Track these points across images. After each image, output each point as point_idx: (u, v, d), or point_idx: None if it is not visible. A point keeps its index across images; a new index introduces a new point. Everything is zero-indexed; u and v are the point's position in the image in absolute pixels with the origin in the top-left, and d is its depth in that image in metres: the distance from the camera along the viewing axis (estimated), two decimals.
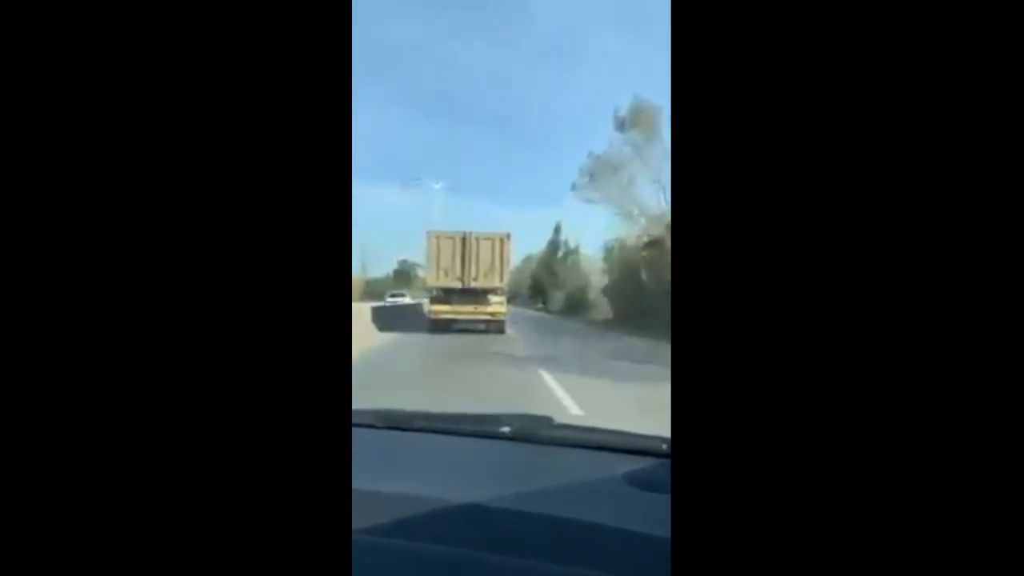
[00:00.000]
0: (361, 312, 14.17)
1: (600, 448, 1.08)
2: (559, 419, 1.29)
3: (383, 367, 8.10)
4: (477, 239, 14.50)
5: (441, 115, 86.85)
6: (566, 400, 5.71)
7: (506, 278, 14.63)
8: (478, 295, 14.62)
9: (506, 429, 1.15)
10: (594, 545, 0.70)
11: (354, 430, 0.73)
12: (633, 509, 0.80)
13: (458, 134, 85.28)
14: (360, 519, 0.57)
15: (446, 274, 14.45)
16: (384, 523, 0.71)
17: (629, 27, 61.74)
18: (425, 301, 16.75)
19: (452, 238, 14.56)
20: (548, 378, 7.14)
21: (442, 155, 77.79)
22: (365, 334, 12.26)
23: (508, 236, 14.58)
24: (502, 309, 14.65)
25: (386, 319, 15.43)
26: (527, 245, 52.54)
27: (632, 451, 1.04)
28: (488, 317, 14.72)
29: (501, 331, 14.70)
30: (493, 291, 14.74)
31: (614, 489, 0.87)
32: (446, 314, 14.53)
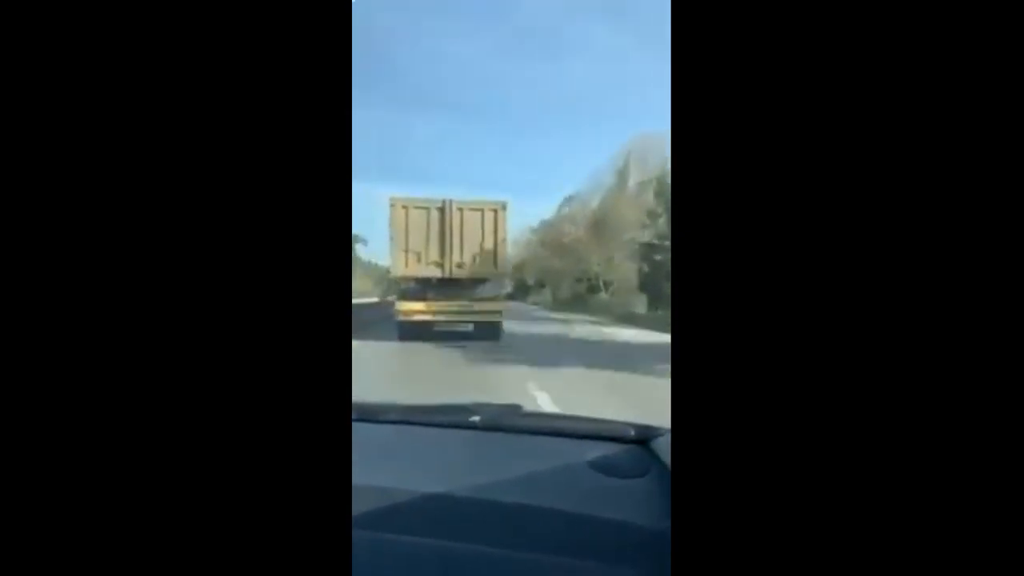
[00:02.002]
0: None
1: (568, 435, 1.09)
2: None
3: None
4: (461, 210, 10.33)
5: (425, 108, 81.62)
6: None
7: (503, 263, 10.54)
8: (464, 287, 10.50)
9: (476, 419, 1.15)
10: (562, 532, 0.71)
11: None
12: (599, 496, 0.81)
13: (443, 126, 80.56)
14: None
15: (419, 259, 10.27)
16: (366, 515, 0.70)
17: (620, 18, 58.21)
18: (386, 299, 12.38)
19: (426, 208, 10.34)
20: None
21: (428, 148, 72.71)
22: None
23: (504, 206, 10.46)
24: (497, 306, 10.57)
25: None
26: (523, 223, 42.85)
27: (599, 437, 1.06)
28: (478, 317, 10.64)
29: (496, 336, 10.65)
30: (484, 281, 10.66)
31: (581, 476, 0.88)
32: (420, 314, 10.39)
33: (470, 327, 10.98)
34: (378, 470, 0.86)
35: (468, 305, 10.39)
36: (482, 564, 0.64)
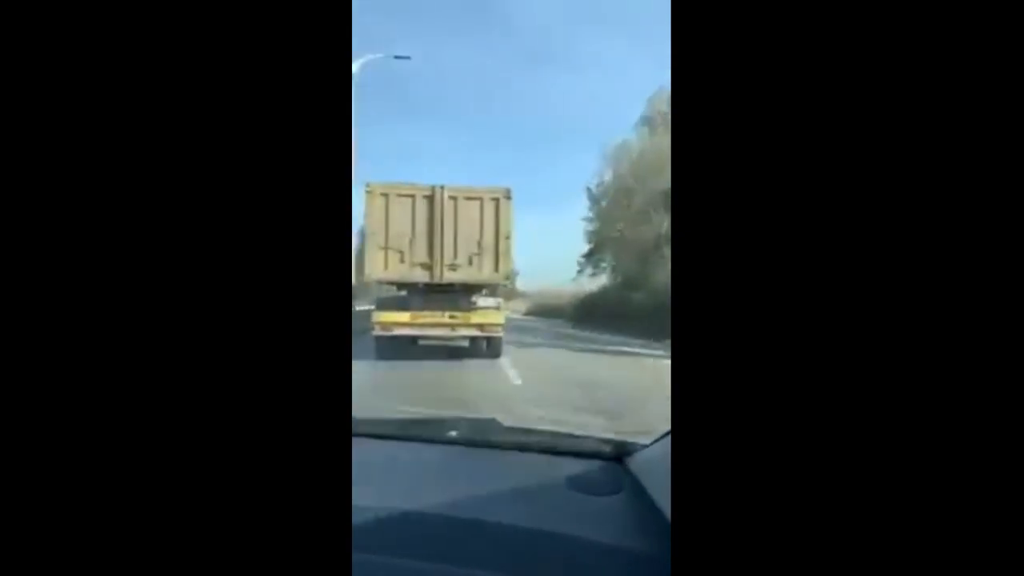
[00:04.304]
0: None
1: (546, 451, 1.08)
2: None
3: None
4: (454, 199, 8.32)
5: (431, 119, 79.61)
6: None
7: (507, 265, 8.53)
8: (457, 295, 8.50)
9: (453, 433, 1.14)
10: (536, 552, 0.69)
11: None
12: (575, 513, 0.79)
13: (447, 138, 78.62)
14: None
15: (401, 259, 8.24)
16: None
17: (623, 28, 57.10)
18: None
19: (411, 196, 8.29)
20: None
21: (431, 157, 70.48)
22: None
23: (507, 195, 8.45)
24: (497, 319, 8.58)
25: None
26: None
27: (577, 454, 1.05)
28: (475, 332, 8.63)
29: (496, 353, 8.66)
30: (479, 288, 8.67)
31: (558, 494, 0.87)
32: (403, 327, 8.37)
33: (464, 341, 9.00)
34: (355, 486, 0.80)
35: (463, 317, 8.39)
36: None
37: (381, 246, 8.15)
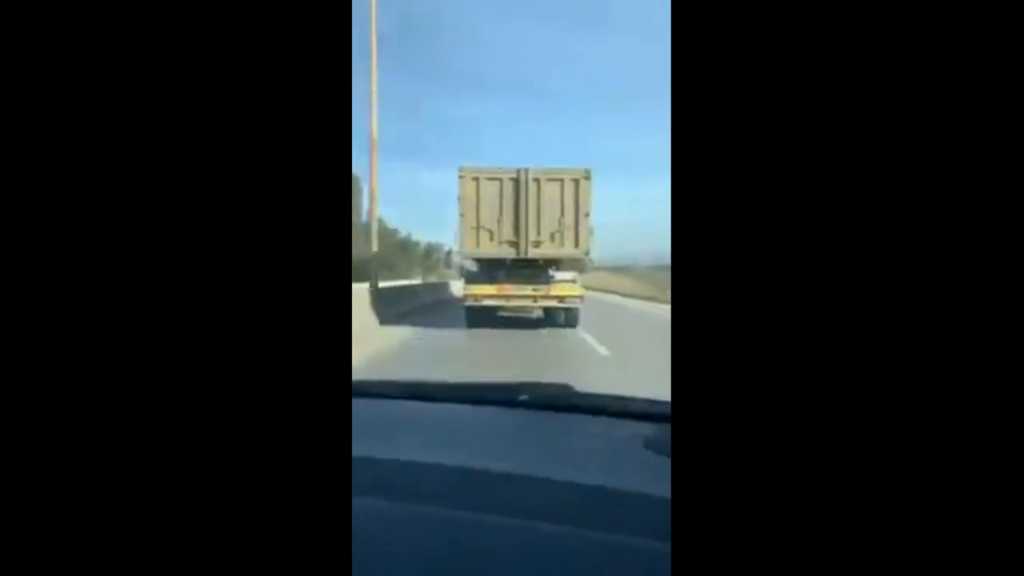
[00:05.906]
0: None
1: (619, 415, 1.06)
2: None
3: None
4: (538, 180, 9.08)
5: (473, 88, 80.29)
6: None
7: (586, 241, 9.25)
8: (537, 269, 9.30)
9: (524, 397, 1.13)
10: (614, 508, 0.68)
11: (375, 401, 1.09)
12: (653, 473, 0.77)
13: (492, 107, 79.08)
14: (377, 486, 0.67)
15: (491, 237, 9.09)
16: (401, 489, 0.71)
17: None
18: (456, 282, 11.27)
19: (499, 179, 9.12)
20: None
21: (476, 129, 71.18)
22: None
23: (587, 175, 9.14)
24: (575, 291, 9.33)
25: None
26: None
27: (651, 417, 1.02)
28: (556, 303, 9.42)
29: (573, 323, 9.44)
30: (558, 263, 9.42)
31: (633, 454, 0.86)
32: (490, 299, 9.27)
33: (538, 312, 9.85)
34: (425, 447, 0.86)
35: (543, 290, 9.19)
36: (522, 537, 0.61)
37: (473, 226, 9.03)
